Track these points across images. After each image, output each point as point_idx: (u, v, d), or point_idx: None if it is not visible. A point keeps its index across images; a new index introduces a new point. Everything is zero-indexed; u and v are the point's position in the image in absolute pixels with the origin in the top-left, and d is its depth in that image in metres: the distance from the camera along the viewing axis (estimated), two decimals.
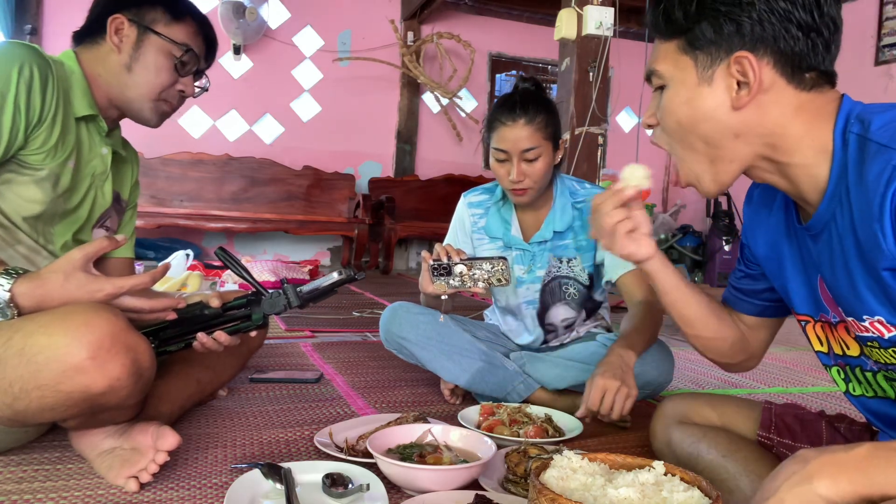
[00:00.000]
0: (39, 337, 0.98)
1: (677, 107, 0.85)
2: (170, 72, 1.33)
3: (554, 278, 1.75)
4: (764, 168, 0.87)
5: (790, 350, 2.92)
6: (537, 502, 0.77)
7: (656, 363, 1.61)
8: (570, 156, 3.61)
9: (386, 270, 5.78)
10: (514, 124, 1.60)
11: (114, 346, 1.00)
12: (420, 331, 1.69)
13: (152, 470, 1.11)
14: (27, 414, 1.03)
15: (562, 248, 1.74)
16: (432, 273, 1.44)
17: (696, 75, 0.83)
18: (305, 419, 1.56)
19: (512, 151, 1.61)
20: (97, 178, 1.35)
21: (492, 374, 1.67)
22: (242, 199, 5.71)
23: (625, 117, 7.29)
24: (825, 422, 1.08)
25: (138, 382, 1.06)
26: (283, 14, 5.91)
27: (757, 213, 1.02)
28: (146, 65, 1.31)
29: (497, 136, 1.63)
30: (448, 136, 6.51)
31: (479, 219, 1.83)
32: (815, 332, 0.95)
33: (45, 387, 0.99)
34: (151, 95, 1.33)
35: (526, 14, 6.73)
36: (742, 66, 0.80)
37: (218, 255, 1.27)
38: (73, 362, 0.98)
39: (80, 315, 1.00)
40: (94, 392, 1.01)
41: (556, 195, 1.74)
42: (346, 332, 2.83)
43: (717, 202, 6.45)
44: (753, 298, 1.09)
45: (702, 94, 0.83)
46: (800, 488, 0.64)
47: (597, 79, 3.60)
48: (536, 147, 1.61)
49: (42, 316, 1.02)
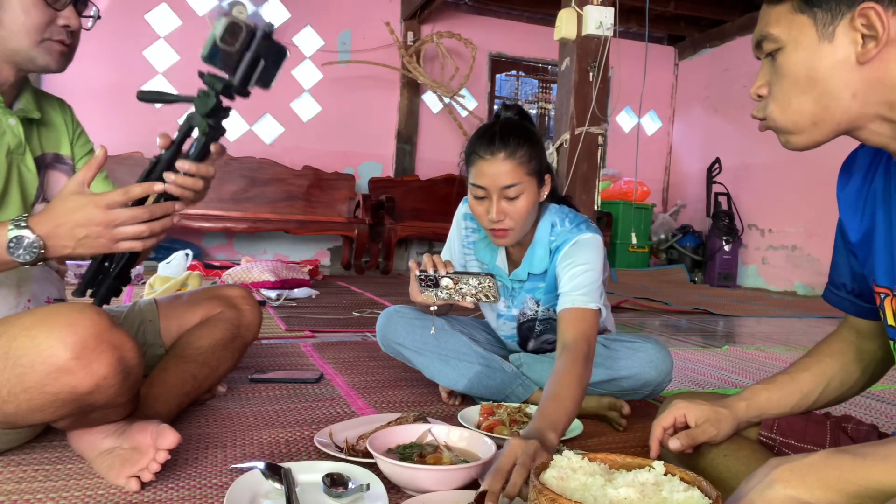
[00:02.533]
0: (23, 340, 0.98)
1: (795, 66, 0.82)
2: (40, 8, 1.20)
3: (529, 319, 1.69)
4: (877, 130, 0.83)
5: (790, 350, 2.92)
6: (537, 502, 0.77)
7: (655, 364, 1.61)
8: (570, 156, 3.62)
9: (386, 270, 5.78)
10: (492, 158, 1.45)
11: (99, 346, 1.00)
12: (416, 336, 1.69)
13: (154, 469, 1.10)
14: (17, 416, 1.04)
15: (538, 290, 1.65)
16: (419, 284, 1.44)
17: (816, 33, 0.79)
18: (305, 419, 1.56)
19: (490, 188, 1.46)
20: (14, 154, 1.25)
21: (490, 377, 1.66)
22: (242, 199, 5.71)
23: (625, 117, 7.29)
24: (830, 422, 1.08)
25: (126, 380, 1.06)
26: (283, 14, 5.91)
27: (855, 182, 0.98)
28: (10, 7, 1.19)
29: (475, 171, 1.48)
30: (448, 136, 6.51)
31: (471, 233, 1.75)
32: (892, 307, 0.92)
33: (31, 389, 0.99)
34: (32, 39, 1.20)
35: (526, 14, 6.73)
36: (868, 18, 0.76)
37: (139, 96, 1.13)
38: (57, 363, 0.97)
39: (63, 316, 1.00)
40: (81, 392, 1.00)
41: (538, 235, 1.60)
42: (345, 332, 2.83)
43: (717, 202, 6.46)
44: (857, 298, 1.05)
45: (822, 51, 0.79)
46: (766, 491, 0.74)
47: (597, 79, 3.61)
48: (518, 184, 1.45)
49: (24, 318, 1.02)
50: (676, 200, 7.49)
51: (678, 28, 7.16)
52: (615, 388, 1.63)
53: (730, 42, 6.89)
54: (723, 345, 3.00)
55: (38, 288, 1.32)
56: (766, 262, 6.40)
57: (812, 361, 1.10)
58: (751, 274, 6.54)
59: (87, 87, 5.33)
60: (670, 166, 7.66)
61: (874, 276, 0.93)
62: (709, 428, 1.06)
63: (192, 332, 1.51)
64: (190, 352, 1.47)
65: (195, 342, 1.49)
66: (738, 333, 3.52)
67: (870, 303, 1.02)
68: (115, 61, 5.47)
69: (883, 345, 1.07)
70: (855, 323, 1.08)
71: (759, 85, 0.88)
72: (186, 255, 3.70)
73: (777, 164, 6.20)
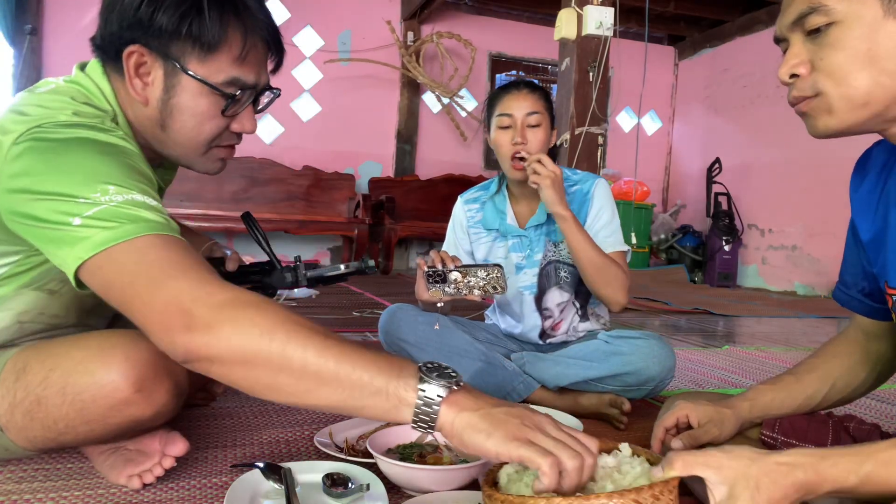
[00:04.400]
0: (81, 376, 0.98)
1: (854, 41, 0.77)
2: (215, 119, 1.04)
3: (550, 262, 1.79)
4: None
5: (790, 350, 2.92)
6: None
7: (658, 359, 1.61)
8: (570, 156, 3.61)
9: (386, 270, 5.78)
10: (518, 93, 1.71)
11: (157, 376, 1.00)
12: (419, 333, 1.69)
13: (157, 473, 1.10)
14: (72, 444, 1.06)
15: (556, 232, 1.78)
16: (427, 280, 1.44)
17: (882, 7, 0.76)
18: (305, 419, 1.56)
19: (516, 115, 1.69)
20: None
21: (491, 374, 1.66)
22: (242, 199, 5.71)
23: (625, 117, 7.29)
24: (833, 422, 1.08)
25: (180, 400, 1.08)
26: (283, 14, 5.91)
27: (869, 181, 0.96)
28: (182, 116, 1.02)
29: (501, 104, 1.71)
30: (448, 136, 6.51)
31: (475, 213, 1.88)
32: None
33: (93, 422, 1.00)
34: (198, 151, 1.07)
35: (526, 14, 6.73)
36: None
37: (244, 218, 1.26)
38: (120, 397, 0.98)
39: (119, 349, 0.99)
40: (142, 420, 1.02)
41: None
42: (346, 332, 2.83)
43: (717, 202, 6.46)
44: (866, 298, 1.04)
45: (886, 27, 0.76)
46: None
47: (597, 79, 3.61)
48: (539, 113, 1.69)
49: (75, 351, 1.01)
50: (676, 200, 7.49)
51: (678, 28, 7.16)
52: (618, 384, 1.64)
53: (730, 42, 6.89)
54: (723, 345, 3.00)
55: None
56: (766, 262, 6.39)
57: (818, 362, 1.10)
58: (751, 274, 6.54)
59: None
60: (670, 166, 7.66)
61: (886, 277, 0.92)
62: (711, 428, 1.06)
63: None
64: None
65: None
66: (738, 333, 3.52)
67: (880, 303, 1.02)
68: None
69: (892, 345, 1.06)
70: (863, 323, 1.08)
71: (795, 63, 0.82)
72: None
73: (777, 164, 6.20)
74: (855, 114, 0.80)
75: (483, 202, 1.88)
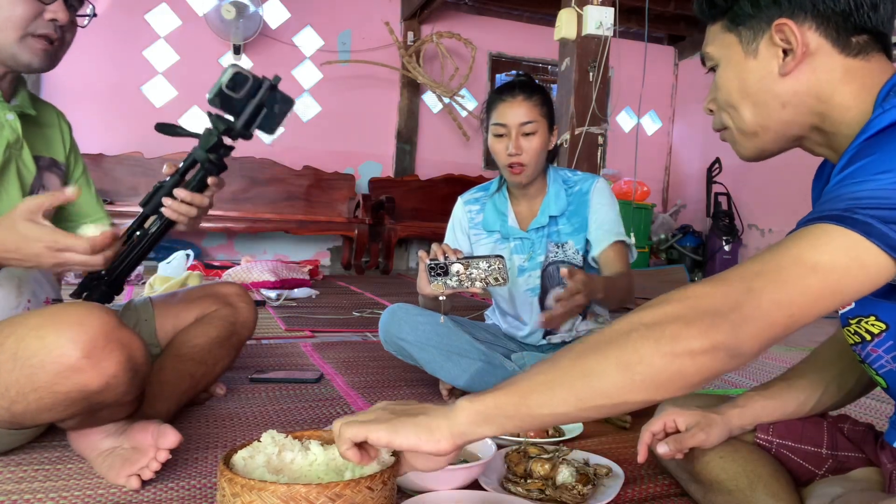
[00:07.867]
0: (32, 340, 0.98)
1: (728, 82, 0.87)
2: (26, 0, 1.14)
3: (551, 263, 1.81)
4: (815, 140, 0.86)
5: (790, 350, 2.92)
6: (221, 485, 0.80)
7: None
8: (570, 156, 3.61)
9: (386, 270, 5.78)
10: (513, 100, 1.71)
11: (108, 344, 1.00)
12: (419, 332, 1.69)
13: (154, 468, 1.11)
14: (25, 416, 1.04)
15: (557, 233, 1.80)
16: (429, 273, 1.44)
17: (742, 50, 0.85)
18: (305, 419, 1.56)
19: (510, 125, 1.70)
20: (12, 148, 1.23)
21: (491, 374, 1.67)
22: (242, 199, 5.71)
23: (625, 117, 7.29)
24: (828, 423, 1.08)
25: (134, 378, 1.06)
26: (283, 14, 5.91)
27: (817, 189, 1.00)
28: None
29: (497, 113, 1.73)
30: (448, 137, 6.51)
31: (475, 214, 1.89)
32: None
33: (41, 389, 0.99)
34: (15, 34, 1.15)
35: (526, 14, 6.73)
36: (784, 34, 0.80)
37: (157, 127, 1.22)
38: (68, 363, 0.98)
39: (72, 315, 1.00)
40: (90, 390, 1.01)
41: (550, 182, 1.83)
42: (345, 332, 2.83)
43: (718, 202, 6.45)
44: None
45: (749, 67, 0.84)
46: None
47: (597, 79, 3.61)
48: (533, 121, 1.70)
49: (31, 318, 1.02)
50: (676, 200, 7.49)
51: (678, 28, 7.16)
52: None
53: None
54: None
55: (38, 288, 1.32)
56: None
57: (809, 367, 1.10)
58: None
59: (87, 87, 5.32)
60: (670, 166, 7.66)
61: None
62: (698, 433, 1.06)
63: (188, 330, 1.50)
64: (186, 350, 1.46)
65: (191, 340, 1.48)
66: None
67: None
68: (115, 61, 5.46)
69: None
70: None
71: (708, 100, 0.94)
72: (187, 256, 3.71)
73: (777, 164, 6.16)
74: (754, 141, 0.88)
75: (483, 203, 1.89)
